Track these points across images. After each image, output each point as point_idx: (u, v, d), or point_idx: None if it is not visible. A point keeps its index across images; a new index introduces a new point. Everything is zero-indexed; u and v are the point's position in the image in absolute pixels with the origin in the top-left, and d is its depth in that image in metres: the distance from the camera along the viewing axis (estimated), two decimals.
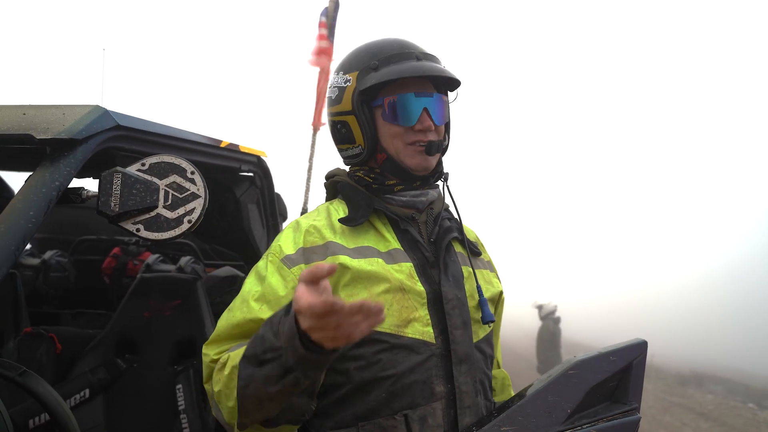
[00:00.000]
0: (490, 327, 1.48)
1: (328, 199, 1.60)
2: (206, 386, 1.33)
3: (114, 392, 2.52)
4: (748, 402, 13.18)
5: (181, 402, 2.46)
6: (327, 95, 1.55)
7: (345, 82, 1.47)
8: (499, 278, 1.66)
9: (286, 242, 1.40)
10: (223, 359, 1.26)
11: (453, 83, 1.52)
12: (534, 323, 10.82)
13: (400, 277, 1.36)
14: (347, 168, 1.58)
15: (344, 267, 1.33)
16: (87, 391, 2.46)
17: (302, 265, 1.35)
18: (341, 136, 1.51)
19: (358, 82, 1.44)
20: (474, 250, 1.56)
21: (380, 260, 1.37)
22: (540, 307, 10.53)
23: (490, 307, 1.49)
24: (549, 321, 10.43)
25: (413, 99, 1.42)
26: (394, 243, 1.42)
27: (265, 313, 1.27)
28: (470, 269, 1.49)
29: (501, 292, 1.62)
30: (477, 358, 1.40)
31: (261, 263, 1.40)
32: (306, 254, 1.37)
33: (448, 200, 1.57)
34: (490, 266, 1.64)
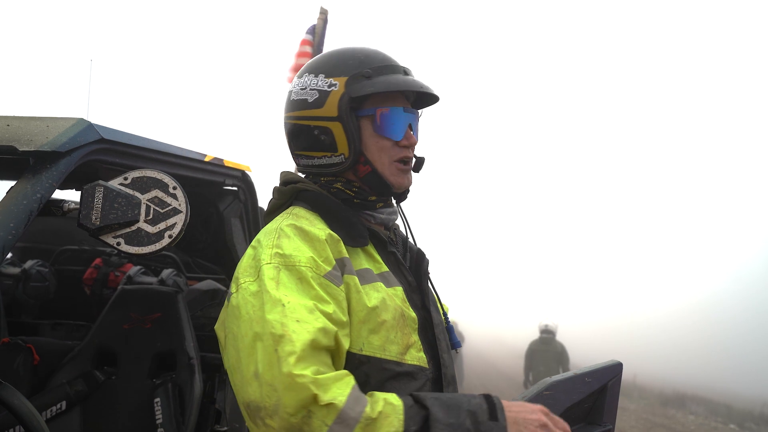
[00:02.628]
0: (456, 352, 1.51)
1: (277, 206, 1.46)
2: (296, 420, 1.06)
3: (91, 404, 2.50)
4: (729, 423, 13.24)
5: (159, 416, 2.44)
6: (296, 97, 1.42)
7: (329, 86, 1.38)
8: None
9: (312, 253, 1.24)
10: (372, 415, 1.08)
11: (429, 102, 1.52)
12: (518, 342, 10.84)
13: (398, 303, 1.34)
14: (300, 174, 1.50)
15: (361, 300, 1.26)
16: (64, 403, 2.44)
17: (344, 285, 1.25)
18: (317, 142, 1.40)
19: (348, 88, 1.36)
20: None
21: (381, 284, 1.33)
22: (539, 325, 10.53)
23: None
24: (540, 338, 10.39)
25: (402, 113, 1.40)
26: (383, 265, 1.39)
27: (339, 331, 1.17)
28: (435, 293, 1.52)
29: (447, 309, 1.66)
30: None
31: (286, 275, 1.19)
32: (340, 270, 1.27)
33: (401, 218, 1.56)
34: None
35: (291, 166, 1.69)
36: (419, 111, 1.50)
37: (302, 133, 1.42)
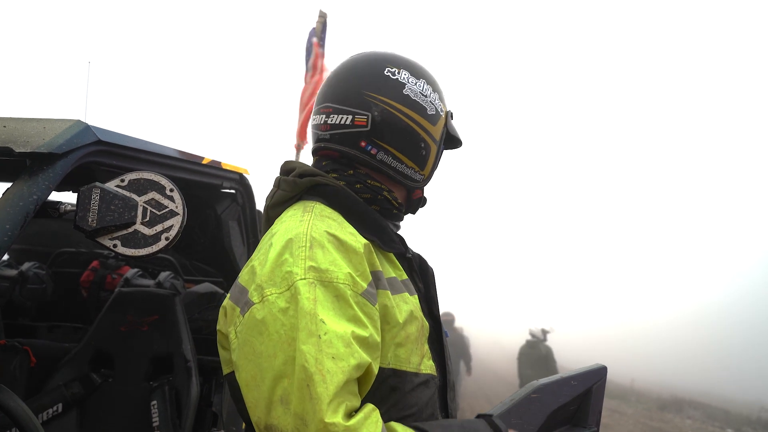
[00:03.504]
0: None
1: (286, 198, 1.37)
2: None
3: (88, 407, 2.49)
4: (726, 427, 13.24)
5: (155, 419, 2.44)
6: (416, 98, 1.37)
7: (440, 110, 1.44)
8: None
9: (350, 268, 1.16)
10: None
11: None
12: (516, 346, 10.92)
13: (419, 313, 1.32)
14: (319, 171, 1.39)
15: (394, 315, 1.22)
16: (60, 405, 2.43)
17: (378, 303, 1.20)
18: (416, 152, 1.38)
19: (447, 122, 1.47)
20: None
21: (406, 294, 1.30)
22: (542, 332, 10.70)
23: None
24: (539, 344, 10.56)
25: None
26: (404, 272, 1.35)
27: (372, 361, 1.13)
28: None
29: None
30: None
31: (322, 293, 1.11)
32: (374, 285, 1.21)
33: None
34: None
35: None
36: None
37: (406, 134, 1.36)
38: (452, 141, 1.54)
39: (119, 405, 2.50)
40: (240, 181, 2.70)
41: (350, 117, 1.34)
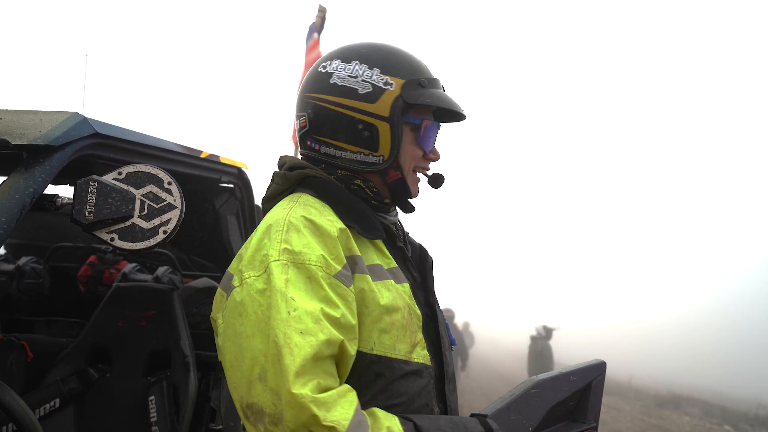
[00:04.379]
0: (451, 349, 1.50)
1: (278, 192, 1.41)
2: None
3: (85, 402, 2.48)
4: (724, 424, 13.28)
5: (153, 414, 2.43)
6: (342, 83, 1.35)
7: (385, 84, 1.33)
8: None
9: (323, 250, 1.19)
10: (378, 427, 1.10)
11: (446, 119, 1.50)
12: (516, 344, 11.02)
13: (407, 300, 1.33)
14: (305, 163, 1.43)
15: (374, 299, 1.24)
16: (57, 400, 2.42)
17: (353, 285, 1.22)
18: (357, 136, 1.34)
19: (404, 92, 1.33)
20: None
21: (392, 281, 1.31)
22: (545, 329, 10.87)
23: None
24: (538, 340, 10.72)
25: (435, 128, 1.42)
26: (393, 261, 1.36)
27: (344, 338, 1.14)
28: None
29: None
30: None
31: (294, 274, 1.15)
32: (350, 269, 1.23)
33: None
34: None
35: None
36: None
37: (340, 122, 1.35)
38: (447, 113, 1.46)
39: (117, 400, 2.49)
40: (238, 176, 2.69)
41: (299, 121, 1.41)
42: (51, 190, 1.56)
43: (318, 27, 5.64)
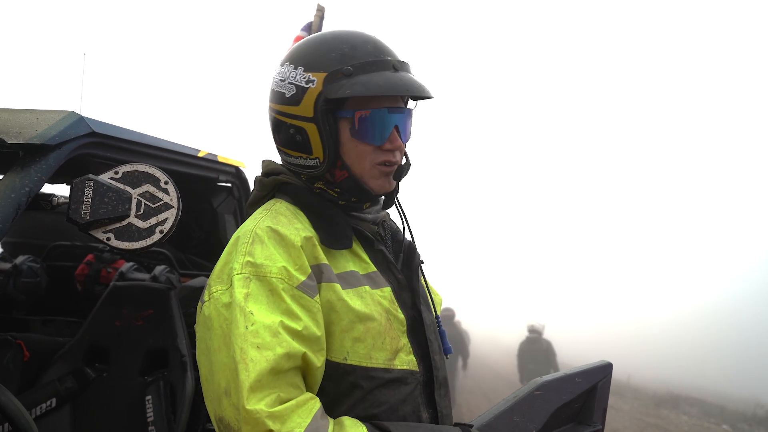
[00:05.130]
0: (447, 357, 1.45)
1: (259, 197, 1.40)
2: None
3: (82, 402, 2.47)
4: (722, 423, 13.28)
5: (150, 413, 2.42)
6: (276, 88, 1.31)
7: (306, 82, 1.25)
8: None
9: (286, 262, 1.17)
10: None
11: (424, 96, 1.33)
12: (514, 343, 11.00)
13: (386, 306, 1.28)
14: (285, 166, 1.41)
15: (343, 308, 1.21)
16: (54, 400, 2.42)
17: (318, 295, 1.18)
18: (293, 142, 1.30)
19: (326, 87, 1.23)
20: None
21: (368, 288, 1.27)
22: (528, 326, 10.83)
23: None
24: (527, 338, 10.64)
25: (386, 115, 1.27)
26: (371, 265, 1.32)
27: (306, 351, 1.12)
28: (427, 289, 1.46)
29: (441, 299, 1.62)
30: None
31: (256, 287, 1.13)
32: (315, 278, 1.20)
33: (397, 213, 1.47)
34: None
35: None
36: (412, 105, 1.38)
37: (279, 129, 1.33)
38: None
39: (114, 400, 2.48)
40: (236, 175, 2.68)
41: None
42: (47, 189, 1.56)
43: (315, 27, 5.62)
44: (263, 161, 1.44)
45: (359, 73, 1.24)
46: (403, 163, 1.37)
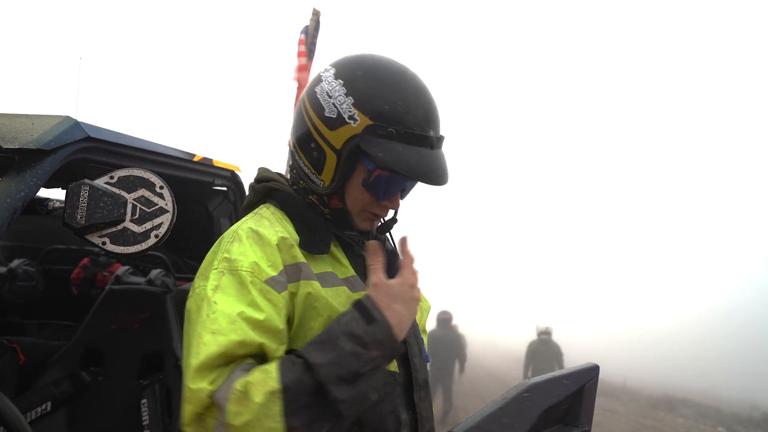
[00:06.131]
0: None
1: (252, 203, 1.44)
2: (193, 428, 1.10)
3: (77, 405, 2.48)
4: (718, 426, 13.31)
5: (145, 417, 2.43)
6: (319, 97, 1.30)
7: (349, 117, 1.25)
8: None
9: (258, 258, 1.21)
10: (240, 388, 1.06)
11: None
12: (512, 347, 11.07)
13: None
14: (281, 173, 1.47)
15: (322, 303, 1.24)
16: (49, 404, 2.42)
17: (287, 291, 1.21)
18: (310, 155, 1.33)
19: (363, 135, 1.25)
20: None
21: (345, 288, 1.30)
22: (538, 328, 11.04)
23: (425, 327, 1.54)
24: (539, 339, 10.84)
25: (399, 181, 1.31)
26: (350, 269, 1.35)
27: (264, 341, 1.14)
28: None
29: (430, 307, 1.62)
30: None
31: (228, 280, 1.18)
32: (288, 276, 1.23)
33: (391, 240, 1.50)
34: None
35: (280, 163, 1.65)
36: None
37: (303, 132, 1.34)
38: (423, 176, 1.29)
39: (109, 403, 2.48)
40: (232, 179, 2.69)
41: None
42: (43, 193, 1.56)
43: (311, 30, 5.63)
44: (259, 168, 1.47)
45: (399, 140, 1.25)
46: (389, 217, 1.43)
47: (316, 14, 5.76)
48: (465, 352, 11.45)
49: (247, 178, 2.78)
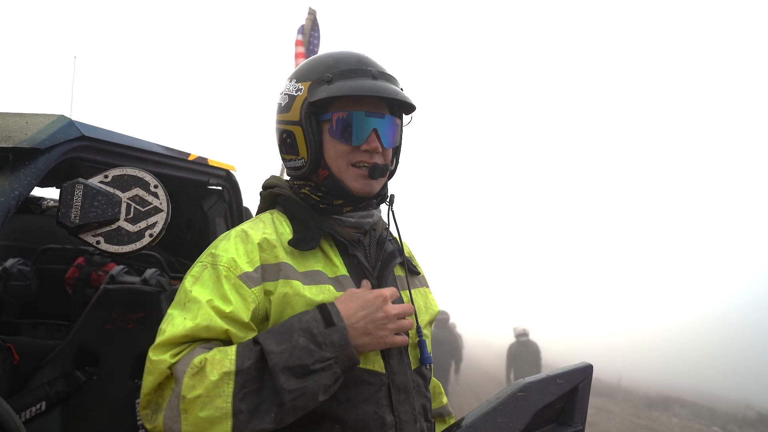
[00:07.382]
0: (428, 367, 1.47)
1: (261, 209, 1.53)
2: (151, 396, 1.18)
3: (72, 405, 2.47)
4: (712, 425, 13.36)
5: (139, 417, 2.42)
6: (278, 101, 1.48)
7: (296, 91, 1.42)
8: (432, 294, 1.64)
9: (238, 255, 1.28)
10: (197, 363, 1.13)
11: (408, 107, 1.46)
12: (506, 346, 11.05)
13: None
14: (286, 178, 1.55)
15: (299, 301, 1.27)
16: (44, 403, 2.41)
17: (261, 286, 1.27)
18: (286, 146, 1.45)
19: (309, 93, 1.38)
20: (413, 271, 1.56)
21: (331, 287, 1.32)
22: (515, 330, 10.93)
23: (429, 328, 1.52)
24: (518, 341, 10.72)
25: (363, 118, 1.37)
26: (342, 269, 1.37)
27: (230, 328, 1.20)
28: (408, 294, 1.46)
29: (437, 312, 1.62)
30: (417, 384, 1.40)
31: (208, 273, 1.27)
32: (264, 274, 1.29)
33: (391, 222, 1.51)
34: (425, 282, 1.64)
35: (275, 163, 1.69)
36: (407, 120, 1.49)
37: (279, 138, 1.49)
38: (401, 103, 1.42)
39: (104, 403, 2.48)
40: (227, 178, 2.68)
41: None
42: (37, 192, 1.56)
43: (308, 29, 5.63)
44: (270, 176, 1.57)
45: (338, 80, 1.38)
46: (381, 164, 1.41)
47: (312, 13, 5.77)
48: (461, 353, 11.47)
49: (242, 178, 2.79)
